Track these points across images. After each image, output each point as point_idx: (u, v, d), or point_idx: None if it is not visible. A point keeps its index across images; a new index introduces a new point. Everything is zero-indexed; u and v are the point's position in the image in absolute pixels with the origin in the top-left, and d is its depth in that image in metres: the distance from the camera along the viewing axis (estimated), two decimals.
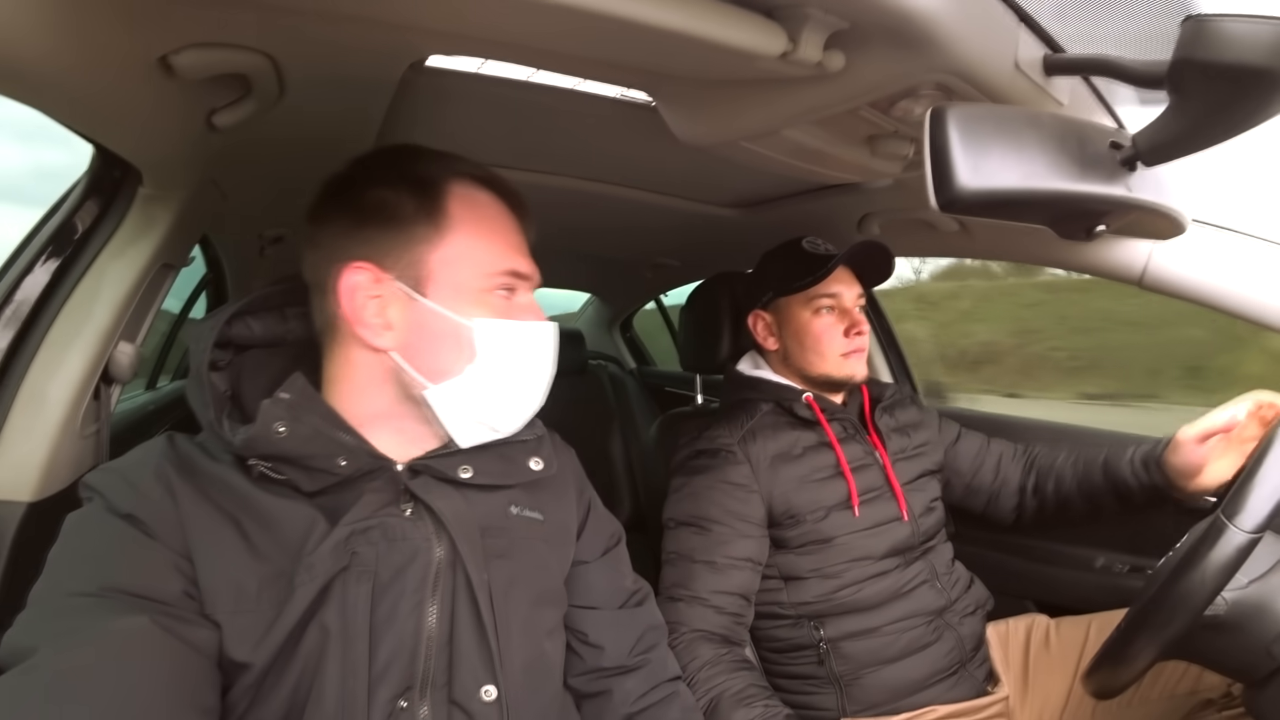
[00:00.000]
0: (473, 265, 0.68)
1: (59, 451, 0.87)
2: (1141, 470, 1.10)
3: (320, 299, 0.70)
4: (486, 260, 0.69)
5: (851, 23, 0.58)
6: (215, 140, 0.87)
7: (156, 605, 0.56)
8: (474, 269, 0.68)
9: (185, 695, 0.54)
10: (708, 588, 1.04)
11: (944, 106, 0.54)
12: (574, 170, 1.29)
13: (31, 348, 0.88)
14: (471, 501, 0.70)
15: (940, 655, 1.10)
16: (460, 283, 0.68)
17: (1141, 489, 1.10)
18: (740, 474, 1.12)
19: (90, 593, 0.55)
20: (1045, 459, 1.27)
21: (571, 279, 2.60)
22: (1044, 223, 0.65)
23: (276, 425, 0.62)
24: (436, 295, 0.67)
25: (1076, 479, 1.21)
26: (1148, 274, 1.07)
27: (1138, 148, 0.60)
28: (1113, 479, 1.14)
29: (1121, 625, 0.77)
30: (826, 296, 1.18)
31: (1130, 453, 1.13)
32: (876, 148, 0.85)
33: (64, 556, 0.59)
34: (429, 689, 0.63)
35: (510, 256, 0.70)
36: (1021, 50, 0.63)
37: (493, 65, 0.88)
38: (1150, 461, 1.08)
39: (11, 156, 11.79)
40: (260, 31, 0.67)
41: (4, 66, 0.51)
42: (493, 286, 0.69)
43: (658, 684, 0.81)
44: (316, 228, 0.70)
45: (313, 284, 0.71)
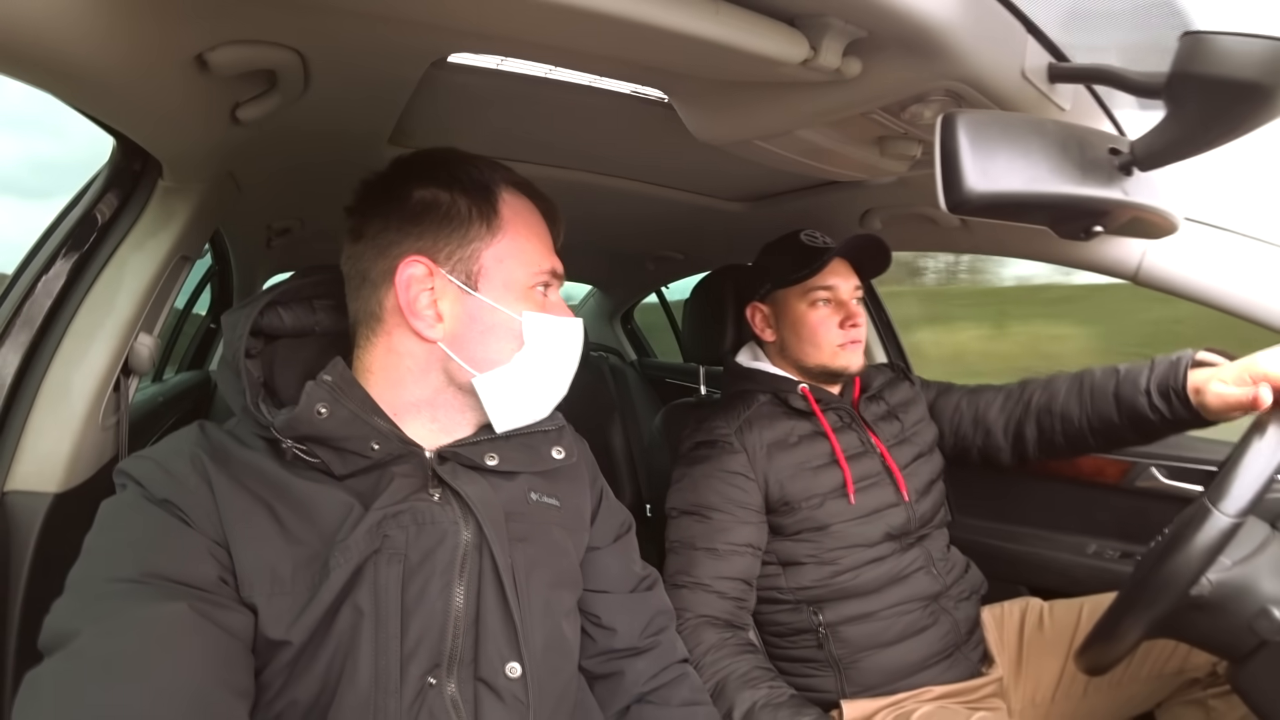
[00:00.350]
0: (521, 264, 0.72)
1: (83, 443, 0.89)
2: (1162, 403, 1.04)
3: (367, 290, 0.72)
4: (533, 259, 0.73)
5: (870, 32, 0.61)
6: (236, 133, 0.88)
7: (194, 591, 0.58)
8: (522, 267, 0.73)
9: (223, 678, 0.55)
10: (709, 573, 1.07)
11: (954, 113, 0.57)
12: (584, 164, 1.31)
13: (55, 340, 0.90)
14: (496, 487, 0.73)
15: (936, 638, 1.13)
16: (510, 279, 0.72)
17: (1165, 423, 1.06)
18: (737, 463, 1.15)
19: (131, 578, 0.56)
20: (1043, 399, 1.22)
21: (575, 271, 2.61)
22: (1045, 223, 0.68)
23: (319, 406, 0.64)
24: (488, 290, 0.71)
25: (1087, 416, 1.15)
26: (1142, 270, 1.10)
27: (1135, 154, 0.63)
28: (1130, 413, 1.09)
29: (1112, 605, 0.81)
30: (823, 289, 1.21)
31: (1144, 382, 1.07)
32: (886, 148, 0.88)
33: (103, 543, 0.60)
34: (456, 666, 0.65)
35: (550, 257, 0.76)
36: (1028, 59, 0.66)
37: (510, 62, 0.90)
38: (1170, 393, 1.03)
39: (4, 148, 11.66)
40: (293, 28, 0.68)
41: (48, 62, 0.53)
42: (535, 284, 0.73)
43: (667, 665, 0.84)
44: (362, 222, 0.73)
45: (355, 276, 0.73)
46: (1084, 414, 1.16)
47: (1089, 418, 1.15)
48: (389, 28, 0.67)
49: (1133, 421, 1.09)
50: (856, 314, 1.22)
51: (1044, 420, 1.21)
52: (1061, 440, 1.19)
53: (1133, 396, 1.07)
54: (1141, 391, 1.06)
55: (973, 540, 1.44)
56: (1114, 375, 1.12)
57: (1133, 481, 1.34)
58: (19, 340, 0.87)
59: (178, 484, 0.62)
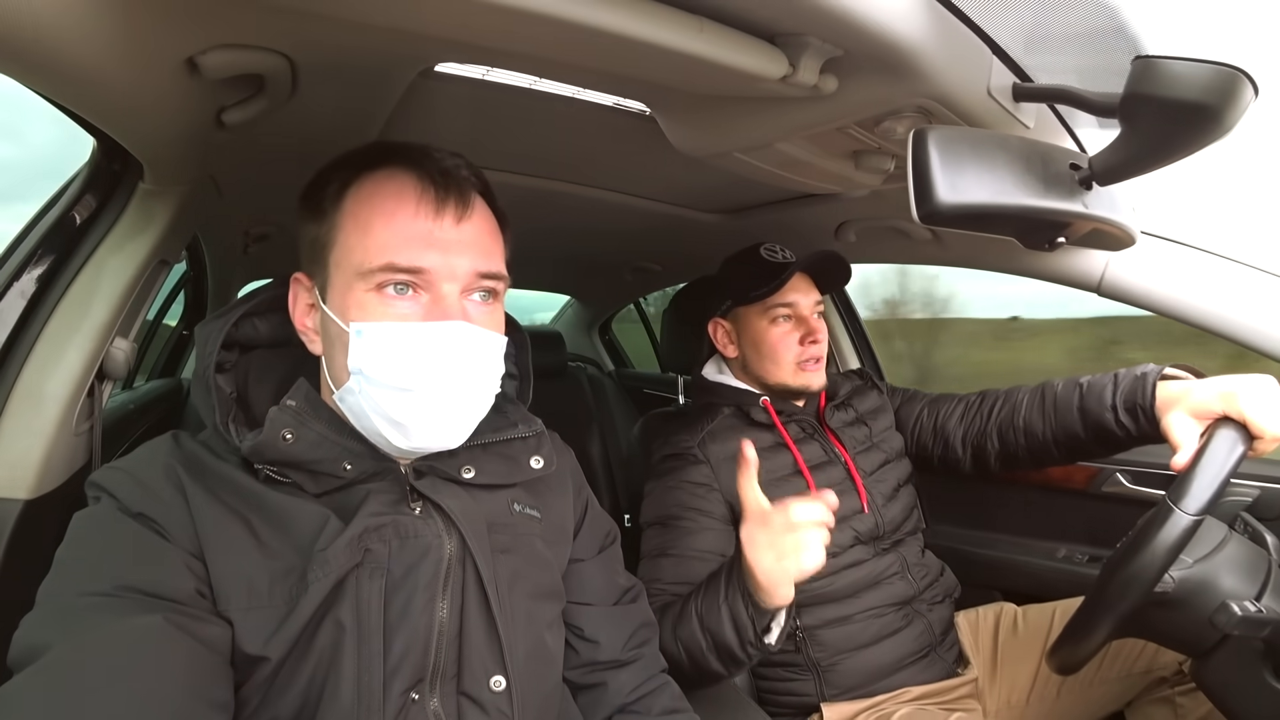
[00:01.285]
0: (352, 265, 0.64)
1: (55, 449, 0.87)
2: (1128, 420, 1.03)
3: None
4: (364, 257, 0.64)
5: (846, 50, 0.63)
6: (220, 137, 0.87)
7: (169, 604, 0.56)
8: (353, 269, 0.64)
9: (199, 691, 0.54)
10: (667, 577, 1.08)
11: (925, 129, 0.60)
12: (564, 175, 1.32)
13: (28, 342, 0.88)
14: (477, 498, 0.72)
15: (910, 640, 1.15)
16: (346, 284, 0.65)
17: (1130, 438, 1.05)
18: (700, 474, 1.17)
19: (104, 592, 0.55)
20: (1005, 412, 1.22)
21: (552, 281, 2.62)
22: (1011, 234, 0.71)
23: (284, 432, 0.63)
24: (331, 299, 0.66)
25: (1050, 430, 1.15)
26: (1105, 282, 1.15)
27: (1094, 169, 0.67)
28: (1095, 428, 1.08)
29: (1081, 604, 0.84)
30: (782, 305, 1.23)
31: (1110, 397, 1.06)
32: (860, 161, 0.91)
33: (75, 555, 0.59)
34: (439, 681, 0.64)
35: (393, 250, 0.63)
36: (994, 78, 0.69)
37: (496, 72, 0.90)
38: (1138, 410, 1.01)
39: None
40: (284, 33, 0.68)
41: (43, 60, 0.52)
42: (373, 285, 0.64)
43: (650, 677, 0.84)
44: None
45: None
46: (1047, 427, 1.15)
47: (1053, 431, 1.15)
48: (379, 35, 0.67)
49: (1098, 436, 1.09)
50: (817, 330, 1.23)
51: (1006, 433, 1.21)
52: (1025, 454, 1.20)
53: (1098, 412, 1.07)
54: (1108, 408, 1.06)
55: (948, 546, 1.47)
56: (1077, 389, 1.12)
57: (1099, 487, 1.39)
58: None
59: (153, 496, 0.61)
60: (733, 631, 0.89)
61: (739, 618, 0.89)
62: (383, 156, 0.68)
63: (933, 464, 1.32)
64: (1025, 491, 1.50)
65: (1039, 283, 1.28)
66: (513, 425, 0.78)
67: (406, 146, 0.68)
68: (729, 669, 0.94)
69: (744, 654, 0.90)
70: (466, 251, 0.66)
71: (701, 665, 0.93)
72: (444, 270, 0.64)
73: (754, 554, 0.85)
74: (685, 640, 0.94)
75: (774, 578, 0.84)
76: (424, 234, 0.64)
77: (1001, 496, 1.53)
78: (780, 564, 0.83)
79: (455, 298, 0.65)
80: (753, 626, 0.88)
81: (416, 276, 0.64)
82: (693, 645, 0.93)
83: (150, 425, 1.59)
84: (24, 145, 7.75)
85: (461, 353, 0.65)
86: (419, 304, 0.64)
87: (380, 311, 0.63)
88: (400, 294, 0.64)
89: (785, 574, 0.83)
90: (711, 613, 0.91)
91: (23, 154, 8.08)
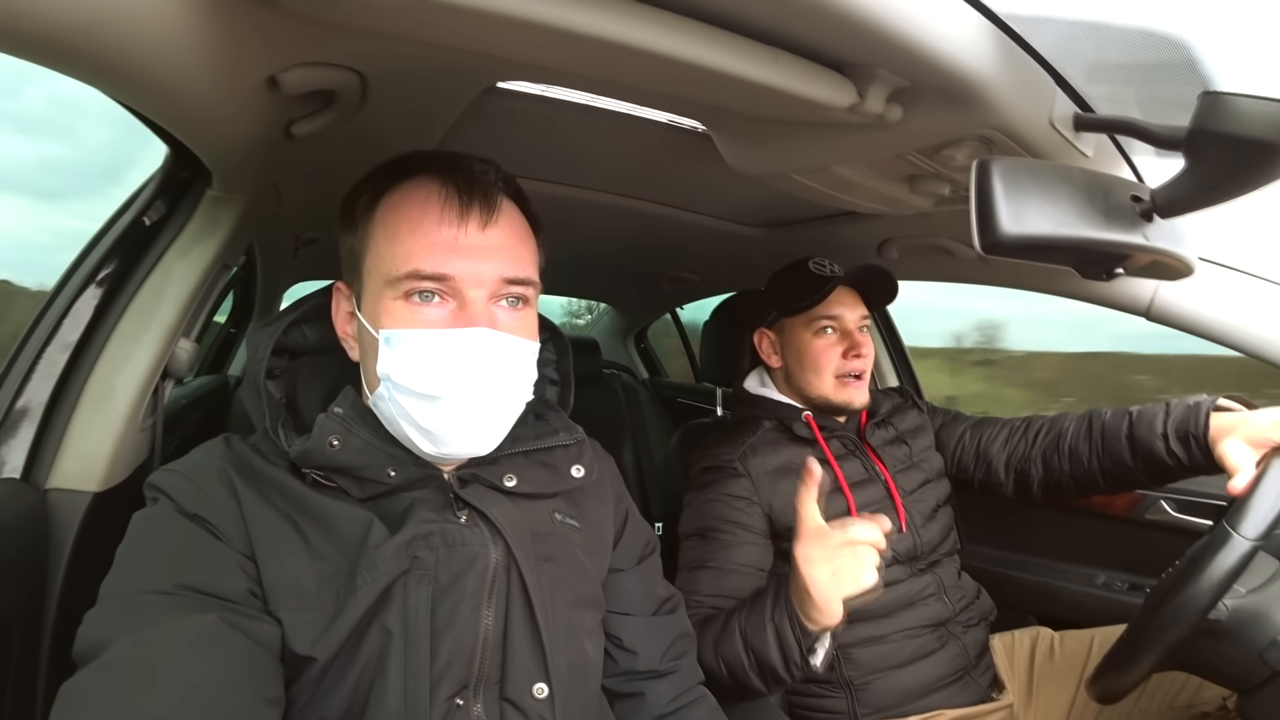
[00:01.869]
0: (381, 273, 0.66)
1: (122, 444, 0.91)
2: (1180, 449, 1.01)
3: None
4: (392, 264, 0.65)
5: (913, 81, 0.64)
6: (286, 147, 0.90)
7: (223, 603, 0.58)
8: (382, 277, 0.66)
9: (253, 687, 0.56)
10: (706, 589, 1.09)
11: (989, 160, 0.60)
12: (613, 187, 1.34)
13: (101, 341, 0.92)
14: (520, 507, 0.73)
15: (944, 662, 1.15)
16: (376, 292, 0.66)
17: (1181, 468, 1.03)
18: (740, 487, 1.17)
19: (162, 590, 0.57)
20: (1049, 438, 1.21)
21: (592, 288, 2.64)
22: (1070, 264, 0.72)
23: (331, 439, 0.64)
24: (364, 307, 0.68)
25: (1097, 457, 1.14)
26: (1154, 306, 1.13)
27: (1155, 202, 0.67)
28: (1145, 457, 1.07)
29: (1127, 630, 0.83)
30: (827, 318, 1.23)
31: (1161, 425, 1.04)
32: (916, 185, 0.91)
33: (135, 554, 0.61)
34: (482, 687, 0.65)
35: (417, 258, 0.64)
36: (1056, 108, 0.70)
37: (555, 89, 0.92)
38: (1190, 439, 1.00)
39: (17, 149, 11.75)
40: (360, 52, 0.71)
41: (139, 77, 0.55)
42: (401, 293, 0.65)
43: (687, 688, 0.85)
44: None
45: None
46: (1094, 455, 1.14)
47: (1099, 459, 1.14)
48: (446, 54, 0.69)
49: (1147, 465, 1.07)
50: (862, 344, 1.23)
51: (1051, 460, 1.20)
52: (1070, 482, 1.19)
53: (1148, 440, 1.05)
54: (1158, 435, 1.04)
55: (982, 568, 1.45)
56: (1126, 417, 1.11)
57: (1142, 514, 1.36)
58: (66, 340, 0.90)
59: (207, 498, 0.63)
60: (778, 651, 0.89)
61: (785, 637, 0.89)
62: (413, 166, 0.69)
63: (973, 487, 1.31)
64: (1063, 515, 1.48)
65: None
66: (554, 433, 0.79)
67: (435, 155, 0.69)
68: (770, 687, 0.94)
69: (787, 674, 0.90)
70: (493, 257, 0.66)
71: (743, 682, 0.94)
72: (469, 276, 0.65)
73: (809, 570, 0.84)
74: (727, 657, 0.94)
75: (828, 595, 0.83)
76: (448, 241, 0.65)
77: (1038, 519, 1.52)
78: (835, 581, 0.83)
79: (482, 304, 0.65)
80: (799, 647, 0.88)
81: (442, 283, 0.64)
82: (735, 662, 0.94)
83: (199, 420, 1.64)
84: (79, 146, 8.17)
85: (488, 359, 0.65)
86: (445, 311, 0.65)
87: (407, 319, 0.64)
88: (427, 301, 0.65)
89: (839, 592, 0.83)
90: (756, 631, 0.91)
91: (79, 154, 8.51)
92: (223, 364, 2.16)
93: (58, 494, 0.86)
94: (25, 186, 11.51)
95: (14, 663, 0.78)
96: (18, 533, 0.80)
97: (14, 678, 0.79)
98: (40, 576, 0.83)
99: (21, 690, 0.80)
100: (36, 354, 0.88)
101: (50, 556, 0.84)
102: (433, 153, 0.70)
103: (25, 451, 0.85)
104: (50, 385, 0.88)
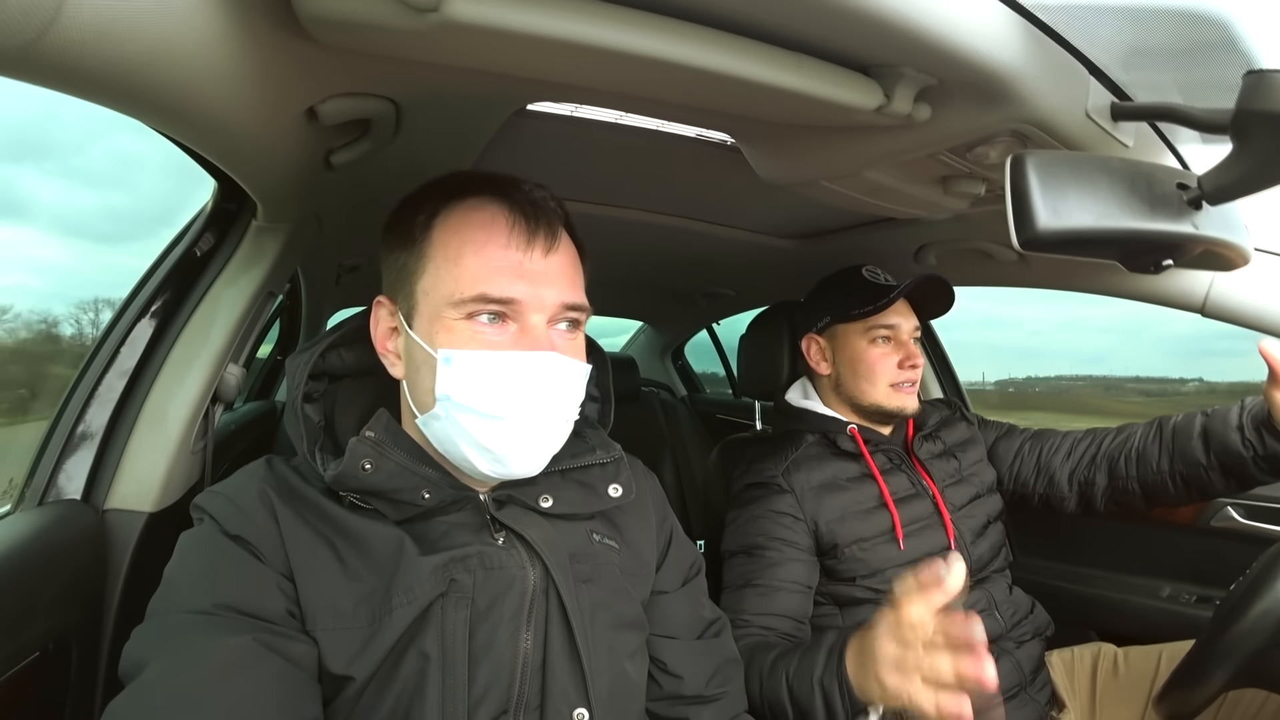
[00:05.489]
0: (441, 294, 0.66)
1: (175, 466, 0.95)
2: (1255, 438, 0.98)
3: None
4: (453, 288, 0.65)
5: (940, 79, 0.63)
6: (326, 177, 0.94)
7: (261, 623, 0.59)
8: (442, 298, 0.66)
9: (287, 708, 0.56)
10: (754, 609, 1.07)
11: (1024, 154, 0.59)
12: (644, 204, 1.35)
13: (155, 367, 0.96)
14: (559, 529, 0.72)
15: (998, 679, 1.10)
16: (434, 311, 0.66)
17: (1258, 462, 0.99)
18: (785, 503, 1.15)
19: (203, 610, 0.58)
20: (1115, 444, 1.17)
21: (628, 307, 2.66)
22: (1115, 258, 0.69)
23: (363, 463, 0.65)
24: (418, 325, 0.67)
25: (1169, 458, 1.10)
26: (1209, 302, 1.09)
27: (1203, 189, 0.64)
28: (1220, 452, 1.03)
29: (1196, 644, 0.79)
30: (884, 327, 1.21)
31: (1237, 418, 1.01)
32: (950, 186, 0.90)
33: (180, 573, 0.63)
34: (522, 711, 0.64)
35: (484, 281, 0.65)
36: (1091, 99, 0.68)
37: (584, 108, 0.94)
38: (1266, 428, 0.96)
39: (83, 199, 12.58)
40: (393, 81, 0.73)
41: (189, 113, 0.58)
42: (464, 314, 0.65)
43: (734, 716, 0.83)
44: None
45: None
46: (1164, 456, 1.10)
47: (1170, 459, 1.09)
48: (479, 78, 0.71)
49: (1222, 464, 1.03)
50: (916, 355, 1.21)
51: (1117, 467, 1.16)
52: (1138, 489, 1.14)
53: (1223, 433, 1.01)
54: (1233, 427, 1.00)
55: (1037, 581, 1.40)
56: (1199, 415, 1.07)
57: (1207, 521, 1.30)
58: (124, 367, 0.94)
59: (248, 520, 0.64)
60: (823, 713, 0.85)
61: (833, 704, 0.83)
62: (471, 186, 0.69)
63: (1033, 502, 1.27)
64: (1122, 525, 1.42)
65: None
66: (590, 450, 0.78)
67: (494, 176, 0.70)
68: None
69: None
70: (554, 283, 0.67)
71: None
72: (533, 301, 0.65)
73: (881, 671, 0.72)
74: (770, 699, 0.92)
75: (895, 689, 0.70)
76: (514, 265, 0.65)
77: (1094, 529, 1.46)
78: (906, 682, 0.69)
79: (543, 328, 0.66)
80: (847, 717, 0.82)
81: (507, 307, 0.65)
82: (777, 708, 0.91)
83: (248, 444, 1.69)
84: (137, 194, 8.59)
85: (551, 382, 0.66)
86: (507, 333, 0.65)
87: (470, 339, 0.64)
88: (490, 323, 0.65)
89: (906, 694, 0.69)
90: (803, 687, 0.87)
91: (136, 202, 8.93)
92: (270, 390, 2.23)
93: (115, 514, 0.90)
94: (88, 231, 12.26)
95: (74, 675, 0.81)
96: (78, 551, 0.84)
97: (74, 690, 0.82)
98: (99, 593, 0.86)
99: (81, 702, 0.83)
100: (96, 380, 0.92)
101: (108, 574, 0.87)
102: (490, 174, 0.70)
103: (85, 474, 0.89)
104: (109, 410, 0.92)
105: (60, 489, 0.88)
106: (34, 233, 10.52)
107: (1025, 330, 7.43)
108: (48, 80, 0.43)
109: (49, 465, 0.88)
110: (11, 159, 4.90)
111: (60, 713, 0.80)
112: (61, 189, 13.28)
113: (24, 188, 12.19)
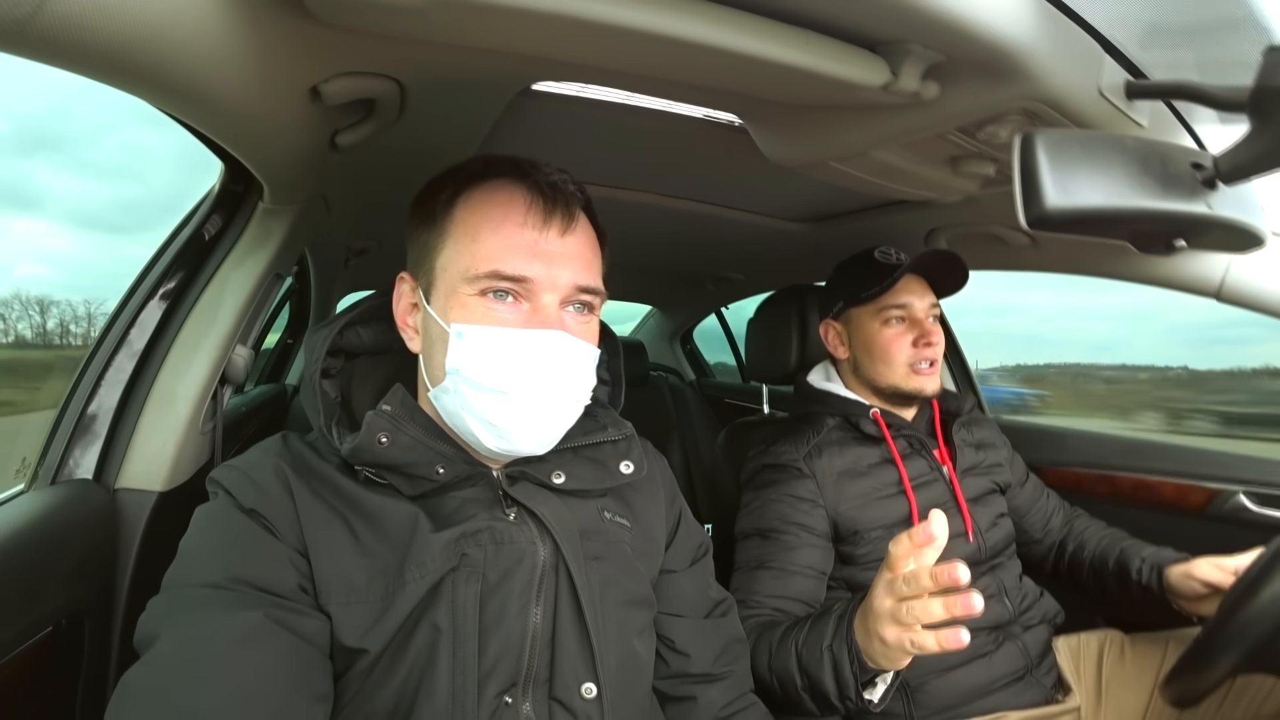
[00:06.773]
0: (458, 270, 0.67)
1: (184, 447, 0.96)
2: (1149, 574, 1.14)
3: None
4: (469, 264, 0.66)
5: (948, 56, 0.62)
6: (332, 158, 0.94)
7: (273, 598, 0.59)
8: (458, 274, 0.67)
9: (298, 683, 0.57)
10: (766, 591, 1.06)
11: (1033, 131, 0.57)
12: (652, 186, 1.34)
13: (164, 349, 0.97)
14: (570, 506, 0.73)
15: (1003, 662, 1.10)
16: (450, 287, 0.67)
17: (1139, 590, 1.15)
18: (805, 489, 1.14)
19: (217, 583, 0.59)
20: (1081, 526, 1.33)
21: (637, 291, 2.65)
22: (1126, 238, 0.68)
23: (379, 436, 0.65)
24: (435, 300, 0.69)
25: (1093, 554, 1.26)
26: (1225, 286, 1.07)
27: (1219, 168, 0.63)
28: (1121, 570, 1.19)
29: (1204, 628, 0.78)
30: (895, 307, 1.19)
31: (1148, 552, 1.17)
32: (959, 167, 0.88)
33: (195, 546, 0.64)
34: (531, 685, 0.65)
35: (499, 258, 0.66)
36: (1105, 77, 0.66)
37: (590, 88, 0.93)
38: (1157, 569, 1.13)
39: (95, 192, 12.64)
40: (396, 60, 0.73)
41: (192, 93, 0.58)
42: (477, 290, 0.66)
43: (740, 695, 0.84)
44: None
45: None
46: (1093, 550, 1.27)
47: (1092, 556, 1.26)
48: (483, 57, 0.71)
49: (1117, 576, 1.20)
50: (932, 332, 1.19)
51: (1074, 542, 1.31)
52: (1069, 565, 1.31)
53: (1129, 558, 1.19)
54: (1139, 557, 1.18)
55: None
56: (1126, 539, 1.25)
57: (1219, 508, 1.29)
58: (134, 349, 0.95)
59: (263, 494, 0.65)
60: (833, 682, 0.85)
61: (841, 670, 0.83)
62: (494, 168, 0.70)
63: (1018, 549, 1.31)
64: (1133, 512, 1.41)
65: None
66: (602, 429, 0.79)
67: (517, 160, 0.71)
68: (823, 712, 0.90)
69: (841, 705, 0.86)
70: (568, 264, 0.67)
71: (794, 700, 0.91)
72: (546, 281, 0.66)
73: (880, 626, 0.75)
74: (780, 673, 0.92)
75: (897, 644, 0.74)
76: (529, 244, 0.66)
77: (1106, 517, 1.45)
78: (905, 636, 0.73)
79: (554, 308, 0.67)
80: (855, 682, 0.83)
81: (519, 285, 0.66)
82: (787, 681, 0.91)
83: (258, 426, 1.71)
84: (147, 186, 8.68)
85: (558, 361, 0.66)
86: (519, 311, 0.66)
87: (482, 315, 0.66)
88: (502, 300, 0.66)
89: (909, 647, 0.74)
90: (812, 656, 0.87)
91: (146, 193, 9.04)
92: (280, 374, 2.24)
93: (126, 493, 0.91)
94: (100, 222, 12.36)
95: (87, 650, 0.83)
96: (90, 530, 0.85)
97: (87, 663, 0.83)
98: (110, 570, 0.87)
99: (94, 676, 0.85)
100: (106, 361, 0.93)
101: (120, 552, 0.89)
102: (513, 157, 0.71)
103: (97, 454, 0.90)
104: (119, 391, 0.93)
105: (72, 469, 0.89)
106: (46, 223, 10.62)
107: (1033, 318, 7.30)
108: (47, 56, 0.43)
109: (61, 445, 0.89)
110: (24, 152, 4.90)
111: (74, 686, 0.82)
112: (74, 181, 13.35)
113: (37, 181, 12.29)
